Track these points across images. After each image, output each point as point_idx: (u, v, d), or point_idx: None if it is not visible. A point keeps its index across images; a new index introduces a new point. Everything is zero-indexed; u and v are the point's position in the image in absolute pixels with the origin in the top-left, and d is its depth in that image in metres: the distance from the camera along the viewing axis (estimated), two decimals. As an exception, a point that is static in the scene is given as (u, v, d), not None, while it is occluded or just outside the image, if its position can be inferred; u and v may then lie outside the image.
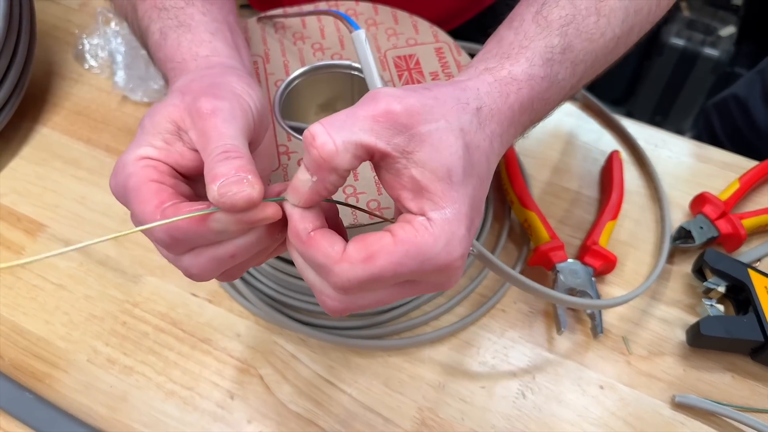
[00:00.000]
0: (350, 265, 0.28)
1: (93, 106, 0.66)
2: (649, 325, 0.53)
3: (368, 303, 0.31)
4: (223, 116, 0.32)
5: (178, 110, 0.33)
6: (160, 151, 0.32)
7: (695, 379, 0.50)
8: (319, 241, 0.29)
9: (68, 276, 0.55)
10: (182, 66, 0.38)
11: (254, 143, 0.35)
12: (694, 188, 0.60)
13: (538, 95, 0.36)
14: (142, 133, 0.33)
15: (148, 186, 0.30)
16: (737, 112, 0.83)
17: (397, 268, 0.28)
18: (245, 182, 0.28)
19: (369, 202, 0.44)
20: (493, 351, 0.51)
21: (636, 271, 0.56)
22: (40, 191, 0.60)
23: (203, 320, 0.52)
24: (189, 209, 0.30)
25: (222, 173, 0.29)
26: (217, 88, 0.33)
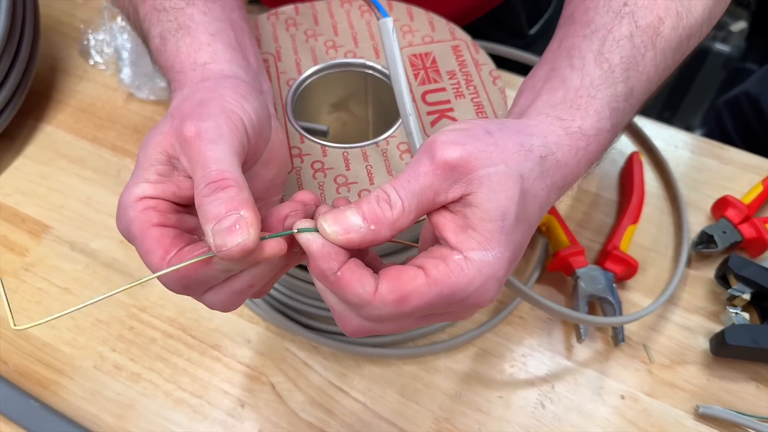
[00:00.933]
0: (382, 305, 0.27)
1: (98, 103, 0.65)
2: (670, 333, 0.51)
3: (388, 331, 0.30)
4: (209, 137, 0.30)
5: (167, 138, 0.31)
6: (155, 186, 0.31)
7: (718, 388, 0.49)
8: (349, 281, 0.28)
9: (74, 279, 0.53)
10: (181, 77, 0.36)
11: (252, 157, 0.33)
12: (715, 191, 0.59)
13: (603, 148, 0.35)
14: (137, 168, 0.32)
15: (150, 233, 0.30)
16: (749, 110, 0.81)
17: (429, 308, 0.28)
18: (237, 230, 0.27)
19: (360, 191, 0.42)
20: (511, 359, 0.50)
21: (657, 277, 0.54)
22: (45, 191, 0.59)
23: (213, 326, 0.51)
24: (191, 255, 0.28)
25: (213, 215, 0.27)
26: (204, 106, 0.32)
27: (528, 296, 0.43)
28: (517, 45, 0.75)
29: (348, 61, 0.50)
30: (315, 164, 0.44)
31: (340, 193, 0.43)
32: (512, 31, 0.77)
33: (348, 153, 0.45)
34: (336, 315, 0.30)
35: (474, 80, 0.49)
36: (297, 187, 0.43)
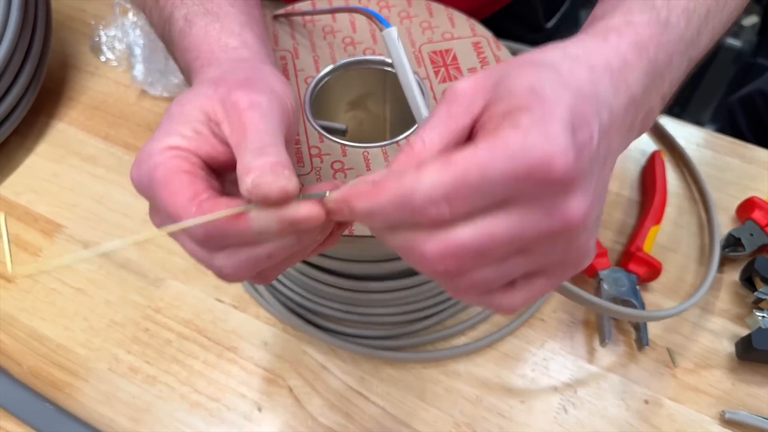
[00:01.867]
0: (428, 172, 0.23)
1: (110, 100, 0.64)
2: (695, 336, 0.50)
3: (477, 278, 0.25)
4: (261, 111, 0.30)
5: (210, 101, 0.31)
6: (190, 141, 0.30)
7: (744, 393, 0.48)
8: (388, 181, 0.24)
9: (88, 280, 0.53)
10: (210, 57, 0.35)
11: (288, 143, 0.32)
12: (739, 190, 0.57)
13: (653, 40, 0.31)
14: (169, 122, 0.31)
15: (179, 177, 0.28)
16: (764, 108, 0.80)
17: (484, 171, 0.23)
18: (281, 175, 0.27)
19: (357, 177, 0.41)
20: (533, 363, 0.49)
21: (680, 278, 0.53)
22: (57, 190, 0.58)
23: (229, 327, 0.50)
24: (228, 204, 0.27)
25: (257, 167, 0.27)
26: (253, 81, 0.31)
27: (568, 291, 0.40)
28: (535, 39, 0.75)
29: (367, 58, 0.49)
30: (335, 164, 0.43)
31: (361, 194, 0.42)
32: (529, 24, 0.77)
33: (368, 153, 0.44)
34: (415, 252, 0.25)
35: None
36: (317, 187, 0.42)
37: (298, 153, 0.44)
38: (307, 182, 0.42)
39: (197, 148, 0.30)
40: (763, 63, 1.82)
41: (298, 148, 0.44)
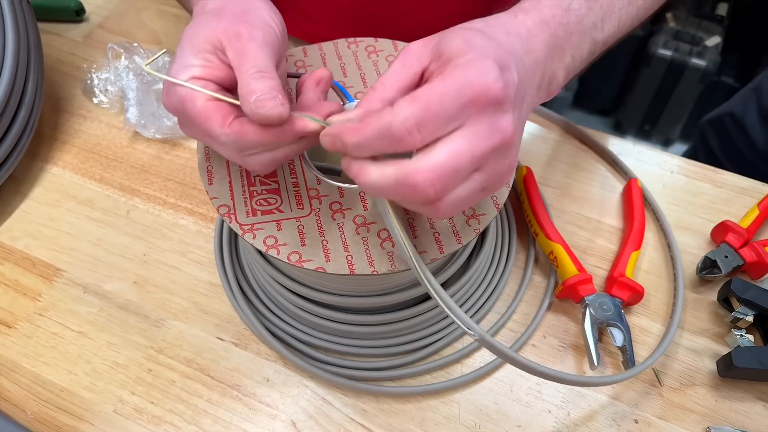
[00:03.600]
0: (400, 107, 0.31)
1: (104, 143, 0.65)
2: (678, 356, 0.53)
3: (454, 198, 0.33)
4: (258, 42, 0.37)
5: (215, 32, 0.37)
6: (204, 70, 0.37)
7: (727, 409, 0.50)
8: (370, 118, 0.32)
9: (89, 322, 0.54)
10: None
11: (279, 64, 0.40)
12: (712, 214, 0.61)
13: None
14: (183, 54, 0.37)
15: (207, 104, 0.36)
16: (734, 131, 0.84)
17: (442, 101, 0.31)
18: (277, 100, 0.34)
19: (380, 231, 0.44)
20: (527, 388, 0.51)
21: (663, 301, 0.56)
22: (55, 234, 0.59)
23: (231, 365, 0.51)
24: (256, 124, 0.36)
25: (258, 89, 0.35)
26: (249, 15, 0.38)
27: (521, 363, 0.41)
28: None
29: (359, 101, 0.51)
30: (333, 205, 0.45)
31: (359, 233, 0.44)
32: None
33: (365, 192, 0.46)
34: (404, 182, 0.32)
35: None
36: (317, 229, 0.44)
37: (298, 196, 0.45)
38: (308, 224, 0.44)
39: (211, 75, 0.37)
40: (727, 81, 1.89)
41: (297, 191, 0.46)
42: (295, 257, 0.42)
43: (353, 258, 0.42)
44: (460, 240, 0.43)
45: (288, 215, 0.44)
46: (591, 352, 0.50)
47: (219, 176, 0.46)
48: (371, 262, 0.42)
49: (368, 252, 0.43)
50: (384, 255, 0.43)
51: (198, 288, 0.55)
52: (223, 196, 0.45)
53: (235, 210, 0.44)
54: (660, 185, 0.63)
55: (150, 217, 0.60)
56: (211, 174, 0.46)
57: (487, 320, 0.54)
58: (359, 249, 0.43)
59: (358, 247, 0.43)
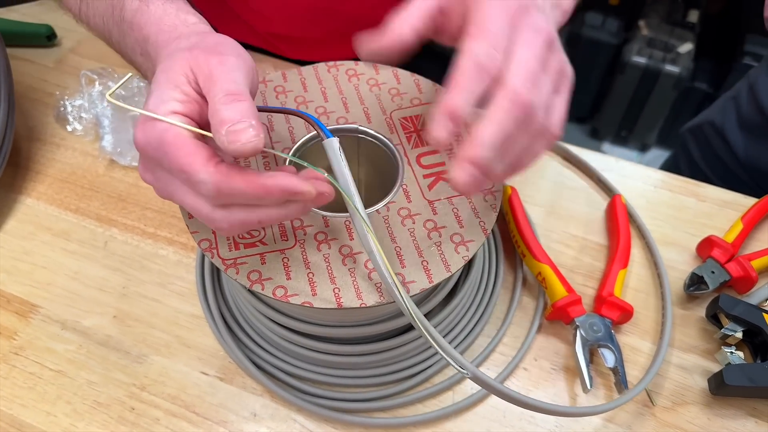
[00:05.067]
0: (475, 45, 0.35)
1: (79, 172, 0.63)
2: (669, 375, 0.53)
3: (545, 103, 0.36)
4: (230, 66, 0.35)
5: (188, 62, 0.36)
6: (184, 105, 0.35)
7: (720, 427, 0.50)
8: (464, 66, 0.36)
9: (68, 361, 0.52)
10: (174, 31, 0.41)
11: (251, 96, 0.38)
12: (696, 228, 0.61)
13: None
14: (161, 88, 0.35)
15: (190, 141, 0.34)
16: (715, 139, 0.84)
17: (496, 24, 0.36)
18: (251, 130, 0.33)
19: (366, 261, 0.43)
20: (519, 414, 0.50)
21: (651, 319, 0.55)
22: (30, 268, 0.57)
23: (216, 401, 0.50)
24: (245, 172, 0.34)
25: (228, 118, 0.33)
26: (221, 46, 0.37)
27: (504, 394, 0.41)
28: None
29: (340, 126, 0.50)
30: (318, 235, 0.44)
31: (345, 264, 0.43)
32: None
33: (350, 222, 0.45)
34: (518, 103, 0.34)
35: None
36: (302, 261, 0.43)
37: (281, 227, 0.44)
38: (293, 255, 0.43)
39: (190, 111, 0.35)
40: (701, 87, 1.92)
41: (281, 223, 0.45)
42: (281, 292, 0.41)
43: (340, 291, 0.41)
44: (449, 268, 0.43)
45: (272, 247, 0.43)
46: (584, 375, 0.50)
47: (200, 209, 0.44)
48: (359, 294, 0.41)
49: (356, 283, 0.42)
50: (372, 286, 0.42)
51: (180, 321, 0.54)
52: (204, 231, 0.43)
53: (216, 244, 0.43)
54: (644, 200, 0.63)
55: (128, 248, 0.58)
56: (192, 207, 0.45)
57: (477, 344, 0.53)
58: (346, 281, 0.42)
59: (345, 278, 0.42)
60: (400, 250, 0.43)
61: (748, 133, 0.78)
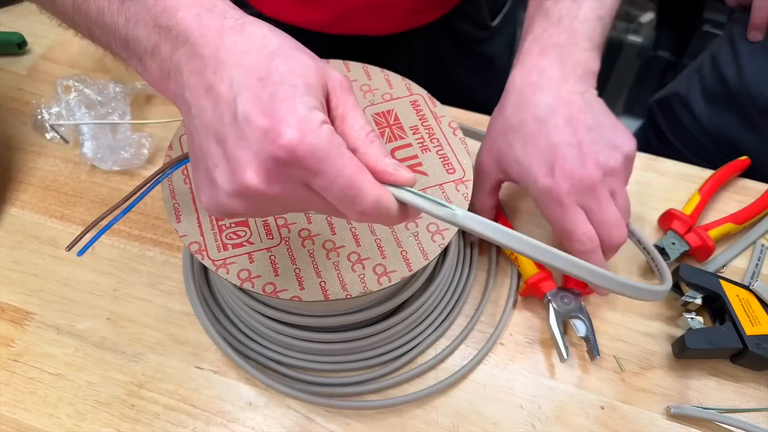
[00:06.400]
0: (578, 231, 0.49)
1: (61, 179, 0.65)
2: (636, 342, 0.56)
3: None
4: (350, 87, 0.34)
5: (321, 74, 0.33)
6: (325, 115, 0.32)
7: (685, 387, 0.54)
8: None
9: (66, 364, 0.54)
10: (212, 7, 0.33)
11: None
12: (658, 202, 0.64)
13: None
14: (301, 89, 0.31)
15: (348, 153, 0.31)
16: (681, 110, 0.87)
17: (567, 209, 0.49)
18: (403, 172, 0.33)
19: (349, 254, 0.46)
20: (498, 386, 0.53)
21: (618, 290, 0.59)
22: (20, 277, 0.58)
23: (212, 393, 0.52)
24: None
25: (384, 153, 0.33)
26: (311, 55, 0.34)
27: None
28: (482, 35, 0.85)
29: None
30: (302, 232, 0.47)
31: (329, 258, 0.45)
32: (477, 23, 0.84)
33: (331, 217, 0.47)
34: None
35: (436, 133, 0.52)
36: (288, 258, 0.45)
37: (267, 226, 0.47)
38: (279, 254, 0.45)
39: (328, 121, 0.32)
40: (663, 55, 1.96)
41: (265, 221, 0.47)
42: (270, 288, 0.43)
43: (326, 284, 0.44)
44: (427, 256, 0.45)
45: (259, 246, 0.45)
46: (559, 345, 0.53)
47: (186, 213, 0.47)
48: (344, 285, 0.44)
49: (340, 276, 0.44)
50: (356, 277, 0.44)
51: (172, 319, 0.56)
52: (192, 233, 0.46)
53: (206, 246, 0.45)
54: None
55: (116, 251, 0.60)
56: (179, 212, 0.47)
57: (456, 324, 0.56)
58: (331, 274, 0.44)
59: (330, 272, 0.45)
60: (380, 242, 0.46)
61: (711, 103, 0.81)
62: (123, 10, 0.34)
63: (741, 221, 0.62)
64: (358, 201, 0.31)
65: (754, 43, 0.74)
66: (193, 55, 0.32)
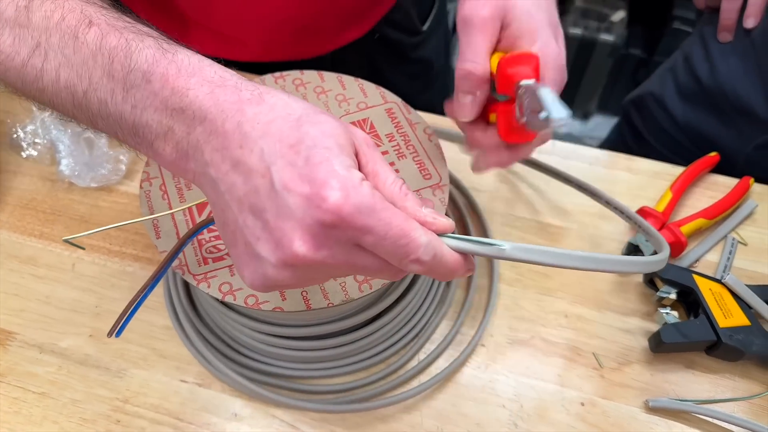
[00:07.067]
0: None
1: (39, 197, 0.65)
2: (614, 338, 0.57)
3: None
4: (375, 145, 0.35)
5: (347, 133, 0.33)
6: (361, 173, 0.32)
7: (662, 381, 0.55)
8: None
9: (49, 382, 0.54)
10: (222, 82, 0.32)
11: None
12: (631, 200, 0.66)
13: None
14: (335, 154, 0.31)
15: (392, 206, 0.31)
16: (656, 109, 0.89)
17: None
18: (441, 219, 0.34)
19: None
20: (480, 387, 0.54)
21: (596, 288, 0.60)
22: (1, 297, 0.58)
23: (198, 405, 0.53)
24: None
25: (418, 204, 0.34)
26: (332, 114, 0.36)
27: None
28: (414, 42, 0.85)
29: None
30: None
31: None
32: (407, 29, 0.84)
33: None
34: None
35: (412, 140, 0.53)
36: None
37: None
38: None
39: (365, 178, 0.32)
40: (635, 53, 1.99)
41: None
42: (252, 300, 0.44)
43: (308, 293, 0.44)
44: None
45: (239, 259, 0.46)
46: None
47: (165, 229, 0.47)
48: (325, 294, 0.45)
49: (322, 285, 0.45)
50: (337, 286, 0.45)
51: (154, 333, 0.56)
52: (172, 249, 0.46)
53: (186, 262, 0.45)
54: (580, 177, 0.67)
55: (96, 267, 0.60)
56: (158, 228, 0.47)
57: (441, 328, 0.57)
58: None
59: (310, 282, 0.45)
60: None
61: (686, 101, 0.83)
62: (128, 99, 0.33)
63: (712, 216, 0.63)
64: (411, 249, 0.31)
65: (725, 43, 0.76)
66: (213, 132, 0.31)
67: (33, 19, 0.34)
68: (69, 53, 0.34)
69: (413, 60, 0.88)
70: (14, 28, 0.35)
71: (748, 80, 0.74)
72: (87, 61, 0.34)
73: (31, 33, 0.34)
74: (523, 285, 0.60)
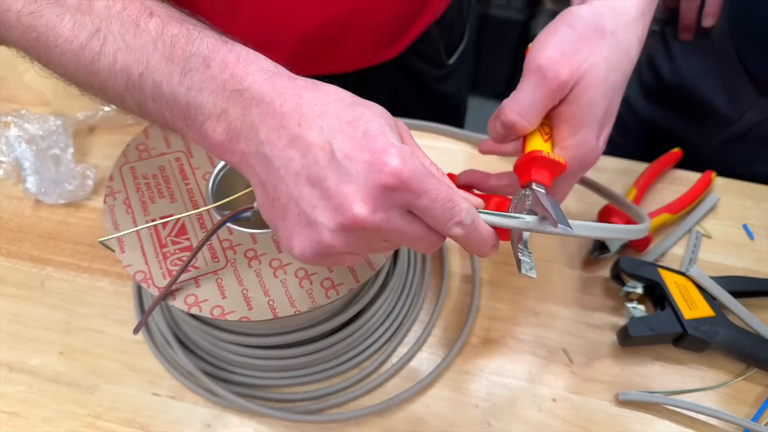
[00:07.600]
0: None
1: (5, 216, 0.64)
2: (584, 334, 0.58)
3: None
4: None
5: (391, 117, 0.36)
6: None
7: (632, 374, 0.56)
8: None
9: (20, 401, 0.53)
10: (278, 71, 0.35)
11: None
12: (598, 199, 0.66)
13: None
14: (389, 132, 0.34)
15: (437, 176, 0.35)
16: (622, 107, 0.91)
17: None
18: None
19: (297, 270, 0.46)
20: (453, 387, 0.55)
21: (564, 284, 0.61)
22: (-32, 317, 0.58)
23: (171, 418, 0.53)
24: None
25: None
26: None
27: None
28: (438, 74, 0.84)
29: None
30: (248, 253, 0.47)
31: (277, 276, 0.46)
32: (432, 61, 0.84)
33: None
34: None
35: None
36: (235, 279, 0.46)
37: (211, 249, 0.47)
38: (226, 277, 0.46)
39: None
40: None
41: (210, 245, 0.47)
42: (218, 311, 0.44)
43: (275, 302, 0.45)
44: (373, 266, 0.47)
45: (204, 270, 0.46)
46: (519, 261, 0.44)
47: (130, 242, 0.47)
48: (292, 302, 0.45)
49: (288, 293, 0.45)
50: (304, 293, 0.45)
51: (125, 348, 0.56)
52: (137, 262, 0.46)
53: (151, 275, 0.45)
54: (548, 178, 0.68)
55: (65, 284, 0.60)
56: (122, 241, 0.47)
57: (415, 329, 0.58)
58: (279, 292, 0.45)
59: (278, 290, 0.45)
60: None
61: (649, 99, 0.85)
62: (185, 81, 0.35)
63: (677, 210, 0.65)
64: (456, 211, 0.35)
65: (686, 42, 0.78)
66: (270, 113, 0.34)
67: (95, 7, 0.36)
68: (129, 39, 0.36)
69: (434, 92, 0.88)
70: (75, 14, 0.36)
71: (708, 78, 0.76)
72: (147, 46, 0.35)
73: (92, 19, 0.36)
74: (494, 285, 0.61)
